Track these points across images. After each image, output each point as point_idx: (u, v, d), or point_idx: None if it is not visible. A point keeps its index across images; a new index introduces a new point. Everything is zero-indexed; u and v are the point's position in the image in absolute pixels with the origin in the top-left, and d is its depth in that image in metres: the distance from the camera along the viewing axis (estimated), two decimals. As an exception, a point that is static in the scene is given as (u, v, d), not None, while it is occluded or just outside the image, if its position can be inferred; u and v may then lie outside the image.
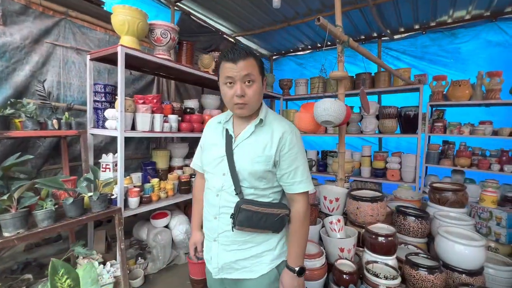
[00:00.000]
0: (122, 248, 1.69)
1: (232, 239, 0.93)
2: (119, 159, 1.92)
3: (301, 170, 0.92)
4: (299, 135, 0.96)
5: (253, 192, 0.92)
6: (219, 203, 0.94)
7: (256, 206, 0.88)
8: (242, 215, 0.88)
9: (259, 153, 0.91)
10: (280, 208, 0.92)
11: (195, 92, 3.60)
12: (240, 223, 0.89)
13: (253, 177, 0.90)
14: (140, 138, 2.91)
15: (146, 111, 2.13)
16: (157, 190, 2.37)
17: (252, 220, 0.88)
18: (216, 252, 0.96)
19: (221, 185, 0.94)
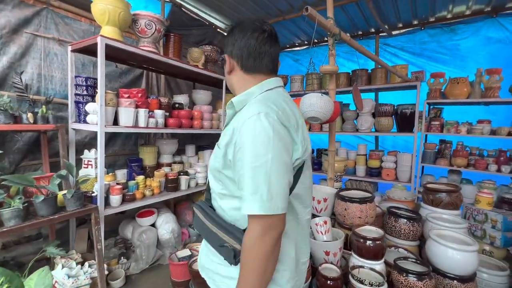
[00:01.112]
0: (99, 249, 1.62)
1: (203, 241, 0.86)
2: (99, 155, 1.83)
3: (247, 181, 0.64)
4: (265, 125, 0.64)
5: (213, 196, 0.80)
6: None
7: (203, 215, 0.77)
8: (195, 218, 0.81)
9: (218, 145, 0.77)
10: (228, 234, 0.70)
11: (186, 87, 3.51)
12: (195, 226, 0.83)
13: (211, 173, 0.79)
14: (127, 134, 2.83)
15: (129, 105, 2.04)
16: (142, 188, 2.30)
17: (203, 230, 0.78)
18: (201, 251, 0.89)
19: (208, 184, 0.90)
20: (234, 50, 0.79)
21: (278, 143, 0.64)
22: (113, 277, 1.92)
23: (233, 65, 0.81)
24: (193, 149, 3.12)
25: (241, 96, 0.77)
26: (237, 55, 0.79)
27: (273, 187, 0.63)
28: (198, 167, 2.89)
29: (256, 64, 0.78)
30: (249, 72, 0.79)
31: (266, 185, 0.62)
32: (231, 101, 0.77)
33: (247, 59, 0.78)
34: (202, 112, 2.78)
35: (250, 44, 0.76)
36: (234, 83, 0.83)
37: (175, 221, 2.45)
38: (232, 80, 0.84)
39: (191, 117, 2.67)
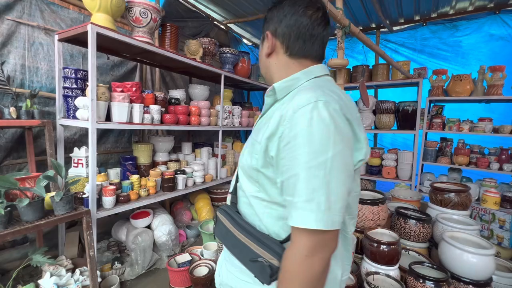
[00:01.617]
0: (92, 255, 1.49)
1: (224, 253, 0.74)
2: (91, 153, 1.69)
3: (300, 185, 0.51)
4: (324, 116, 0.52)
5: (243, 200, 0.67)
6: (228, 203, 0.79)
7: (231, 222, 0.64)
8: (218, 225, 0.70)
9: (254, 139, 0.64)
10: (262, 246, 0.58)
11: (182, 82, 3.36)
12: (216, 234, 0.71)
13: (243, 173, 0.66)
14: (120, 130, 2.68)
15: (123, 100, 1.90)
16: (137, 188, 2.16)
17: (227, 240, 0.66)
18: (220, 261, 0.78)
19: (235, 180, 0.76)
20: (280, 28, 0.65)
21: (340, 139, 0.52)
22: (106, 284, 1.79)
23: (275, 45, 0.67)
24: (189, 147, 2.99)
25: (285, 82, 0.64)
26: (283, 35, 0.65)
27: (332, 194, 0.50)
28: (195, 165, 2.77)
29: (305, 47, 0.65)
30: (294, 56, 0.66)
31: (325, 191, 0.50)
32: (272, 87, 0.65)
33: (295, 41, 0.64)
34: (200, 108, 2.65)
35: (301, 22, 0.63)
36: (272, 67, 0.70)
37: (172, 223, 2.33)
38: (269, 64, 0.70)
39: (189, 113, 2.53)
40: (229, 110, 3.08)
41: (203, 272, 1.54)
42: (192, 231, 2.59)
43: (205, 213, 2.86)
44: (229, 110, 3.09)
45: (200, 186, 2.69)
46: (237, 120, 3.21)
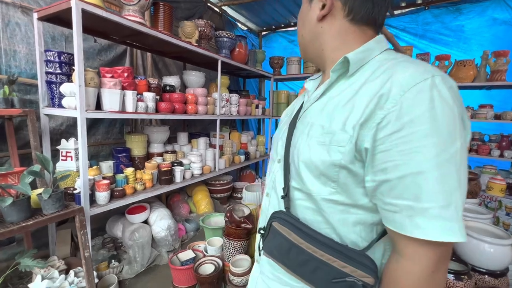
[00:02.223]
0: (87, 256, 1.37)
1: (268, 269, 0.63)
2: (81, 145, 1.54)
3: (435, 184, 0.40)
4: (445, 96, 0.41)
5: (305, 204, 0.55)
6: (267, 208, 0.65)
7: (300, 235, 0.50)
8: (271, 238, 0.55)
9: (325, 126, 0.51)
10: (351, 262, 0.46)
11: (176, 68, 3.17)
12: (268, 250, 0.57)
13: (308, 171, 0.52)
14: (111, 120, 2.50)
15: (114, 86, 1.73)
16: (132, 182, 2.03)
17: (288, 257, 0.52)
18: (255, 280, 0.67)
19: (273, 178, 0.64)
20: None
21: (461, 125, 0.42)
22: (104, 284, 1.69)
23: (333, 6, 0.53)
24: (185, 137, 2.85)
25: (359, 53, 0.51)
26: None
27: (463, 195, 0.42)
28: (193, 156, 2.64)
29: (373, 12, 0.52)
30: (357, 22, 0.53)
31: (459, 193, 0.41)
32: (344, 58, 0.51)
33: (363, 2, 0.51)
34: (196, 96, 2.49)
35: None
36: (325, 34, 0.56)
37: (170, 217, 2.22)
38: (321, 30, 0.56)
39: (185, 101, 2.38)
40: (226, 98, 2.93)
41: (209, 270, 1.45)
42: (191, 224, 2.49)
43: (204, 206, 2.76)
44: (227, 98, 2.94)
45: (198, 178, 2.58)
46: (234, 108, 3.08)
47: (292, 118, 0.63)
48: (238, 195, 3.36)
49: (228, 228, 1.49)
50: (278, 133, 0.69)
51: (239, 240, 1.46)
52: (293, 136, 0.58)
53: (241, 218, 1.46)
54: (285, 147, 0.59)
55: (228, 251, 1.48)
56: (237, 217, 1.46)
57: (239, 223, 1.45)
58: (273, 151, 0.69)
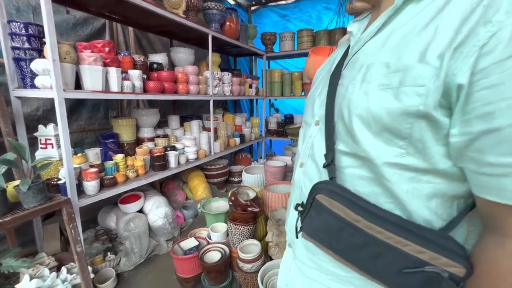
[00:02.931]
0: (80, 251, 1.24)
1: (305, 254, 0.52)
2: (62, 130, 1.36)
3: None
4: None
5: (357, 172, 0.43)
6: (302, 181, 0.52)
7: (353, 208, 0.39)
8: (315, 216, 0.43)
9: (392, 63, 0.38)
10: (431, 247, 0.34)
11: (162, 45, 2.92)
12: (310, 231, 0.45)
13: (365, 127, 0.40)
14: (95, 103, 2.28)
15: (94, 62, 1.52)
16: (123, 169, 1.87)
17: (338, 239, 0.41)
18: (288, 266, 0.56)
19: (309, 145, 0.51)
20: None
21: None
22: (101, 278, 1.57)
23: None
24: (177, 120, 2.67)
25: None
26: None
27: None
28: (187, 140, 2.49)
29: None
30: None
31: None
32: None
33: None
34: (187, 74, 2.30)
35: None
36: None
37: (167, 204, 2.10)
38: None
39: (175, 80, 2.19)
40: (218, 77, 2.75)
41: (215, 258, 1.36)
42: (189, 211, 2.38)
43: (201, 191, 2.65)
44: (219, 77, 2.76)
45: (193, 163, 2.44)
46: (227, 88, 2.90)
47: (332, 70, 0.50)
48: (235, 179, 3.26)
49: (233, 212, 1.38)
50: (313, 93, 0.57)
51: (246, 225, 1.36)
52: (338, 88, 0.46)
53: (247, 202, 1.36)
54: (327, 104, 0.47)
55: (235, 236, 1.39)
56: (242, 201, 1.36)
57: (245, 207, 1.35)
58: (306, 115, 0.57)
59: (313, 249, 0.49)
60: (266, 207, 1.49)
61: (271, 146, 4.36)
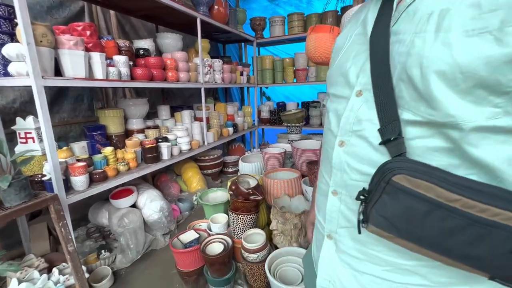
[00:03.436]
0: (72, 251, 1.15)
1: (352, 246, 0.46)
2: (43, 121, 1.25)
3: None
4: None
5: (431, 144, 0.37)
6: (344, 163, 0.45)
7: (446, 186, 0.32)
8: (389, 202, 0.36)
9: (484, 2, 0.31)
10: None
11: (146, 32, 2.75)
12: (380, 222, 0.38)
13: (448, 86, 0.33)
14: (78, 94, 2.13)
15: (75, 46, 1.39)
16: (113, 162, 1.77)
17: (422, 226, 0.34)
18: (328, 258, 0.50)
19: (351, 119, 0.44)
20: None
21: None
22: (96, 277, 1.49)
23: None
24: (167, 110, 2.55)
25: None
26: None
27: None
28: (179, 131, 2.39)
29: None
30: None
31: None
32: None
33: None
34: (176, 61, 2.17)
35: None
36: None
37: (162, 197, 2.02)
38: None
39: (164, 67, 2.06)
40: (209, 64, 2.63)
41: (217, 250, 1.31)
42: (185, 204, 2.31)
43: (196, 183, 2.57)
44: (209, 64, 2.64)
45: (187, 154, 2.35)
46: (218, 76, 2.79)
47: (371, 30, 0.43)
48: (229, 169, 3.20)
49: (234, 202, 1.33)
50: (341, 63, 0.49)
51: (248, 214, 1.31)
52: (393, 47, 0.39)
53: (249, 190, 1.30)
54: (372, 69, 0.40)
55: (237, 227, 1.34)
56: (244, 189, 1.30)
57: (247, 195, 1.29)
58: (336, 87, 0.49)
59: (363, 239, 0.44)
60: (268, 195, 1.44)
61: (263, 136, 4.30)
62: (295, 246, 1.22)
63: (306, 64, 3.47)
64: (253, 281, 1.21)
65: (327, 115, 0.53)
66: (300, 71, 3.46)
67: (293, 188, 1.40)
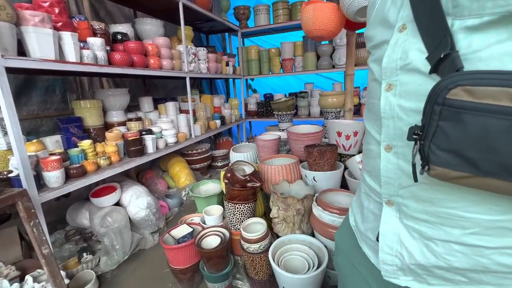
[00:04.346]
0: (47, 254, 1.01)
1: (419, 208, 0.37)
2: (6, 109, 1.08)
3: None
4: None
5: (501, 49, 0.28)
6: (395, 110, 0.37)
7: None
8: (450, 132, 0.28)
9: None
10: None
11: (123, 18, 2.56)
12: (445, 159, 0.29)
13: None
14: (49, 84, 1.92)
15: (42, 23, 1.22)
16: (93, 156, 1.61)
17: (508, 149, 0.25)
18: (390, 229, 0.41)
19: (398, 56, 0.36)
20: None
21: None
22: (78, 283, 1.34)
23: None
24: (150, 102, 2.40)
25: None
26: None
27: None
28: (163, 123, 2.24)
29: None
30: None
31: None
32: None
33: None
34: (158, 47, 2.02)
35: None
36: None
37: (148, 193, 1.87)
38: None
39: (145, 53, 1.91)
40: (193, 52, 2.49)
41: (214, 243, 1.20)
42: (173, 200, 2.18)
43: (184, 178, 2.44)
44: (194, 52, 2.50)
45: (174, 147, 2.22)
46: (203, 65, 2.66)
47: None
48: (218, 163, 3.08)
49: (230, 191, 1.23)
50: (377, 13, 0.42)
51: (246, 203, 1.22)
52: None
53: (246, 176, 1.21)
54: None
55: (234, 217, 1.24)
56: (241, 176, 1.20)
57: (244, 183, 1.20)
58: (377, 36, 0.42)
59: (434, 196, 0.35)
60: (265, 182, 1.35)
61: (251, 129, 4.21)
62: (298, 233, 1.14)
63: (292, 54, 3.41)
64: (254, 273, 1.13)
65: (370, 70, 0.46)
66: (286, 61, 3.40)
67: (291, 173, 1.33)
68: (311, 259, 1.05)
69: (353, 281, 0.53)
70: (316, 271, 0.92)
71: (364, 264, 0.49)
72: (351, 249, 0.54)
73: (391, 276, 0.42)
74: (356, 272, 0.52)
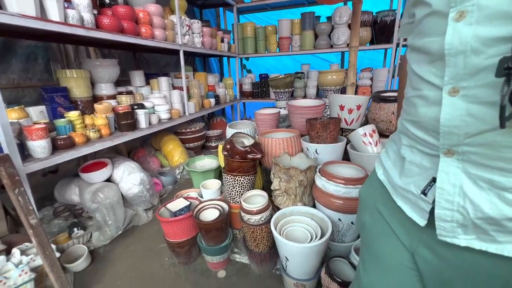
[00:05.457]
0: (35, 224, 0.94)
1: (490, 154, 0.33)
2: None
3: None
4: None
5: None
6: (468, 38, 0.31)
7: None
8: None
9: None
10: None
11: (111, -16, 2.36)
12: None
13: None
14: (30, 52, 1.77)
15: (19, -27, 1.09)
16: (81, 128, 1.52)
17: None
18: (449, 181, 0.37)
19: None
20: None
21: None
22: (69, 257, 1.29)
23: None
24: (141, 76, 2.27)
25: None
26: None
27: None
28: (156, 98, 2.14)
29: None
30: None
31: None
32: None
33: None
34: (150, 14, 1.88)
35: None
36: None
37: (141, 169, 1.80)
38: None
39: (136, 20, 1.78)
40: (187, 24, 2.35)
41: (212, 216, 1.17)
42: (167, 177, 2.12)
43: (178, 157, 2.37)
44: (188, 24, 2.36)
45: (167, 124, 2.13)
46: (198, 40, 2.53)
47: None
48: (212, 144, 3.01)
49: (230, 162, 1.18)
50: None
51: (246, 175, 1.17)
52: None
53: (247, 148, 1.15)
54: None
55: (234, 190, 1.20)
56: (241, 147, 1.15)
57: (245, 154, 1.15)
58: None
59: (505, 140, 0.31)
60: (265, 156, 1.31)
61: (245, 111, 4.12)
62: (299, 206, 1.12)
63: (289, 32, 3.29)
64: (254, 245, 1.10)
65: (421, 3, 0.39)
66: (283, 39, 3.28)
67: (292, 146, 1.28)
68: (313, 230, 1.03)
69: (383, 239, 0.49)
70: (321, 240, 0.90)
71: (397, 219, 0.46)
72: (380, 203, 0.50)
73: (448, 235, 0.38)
74: (386, 228, 0.48)
